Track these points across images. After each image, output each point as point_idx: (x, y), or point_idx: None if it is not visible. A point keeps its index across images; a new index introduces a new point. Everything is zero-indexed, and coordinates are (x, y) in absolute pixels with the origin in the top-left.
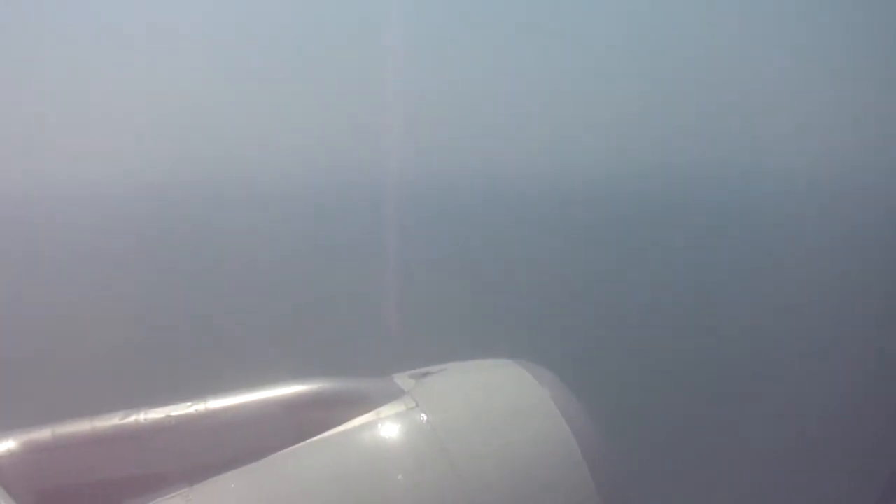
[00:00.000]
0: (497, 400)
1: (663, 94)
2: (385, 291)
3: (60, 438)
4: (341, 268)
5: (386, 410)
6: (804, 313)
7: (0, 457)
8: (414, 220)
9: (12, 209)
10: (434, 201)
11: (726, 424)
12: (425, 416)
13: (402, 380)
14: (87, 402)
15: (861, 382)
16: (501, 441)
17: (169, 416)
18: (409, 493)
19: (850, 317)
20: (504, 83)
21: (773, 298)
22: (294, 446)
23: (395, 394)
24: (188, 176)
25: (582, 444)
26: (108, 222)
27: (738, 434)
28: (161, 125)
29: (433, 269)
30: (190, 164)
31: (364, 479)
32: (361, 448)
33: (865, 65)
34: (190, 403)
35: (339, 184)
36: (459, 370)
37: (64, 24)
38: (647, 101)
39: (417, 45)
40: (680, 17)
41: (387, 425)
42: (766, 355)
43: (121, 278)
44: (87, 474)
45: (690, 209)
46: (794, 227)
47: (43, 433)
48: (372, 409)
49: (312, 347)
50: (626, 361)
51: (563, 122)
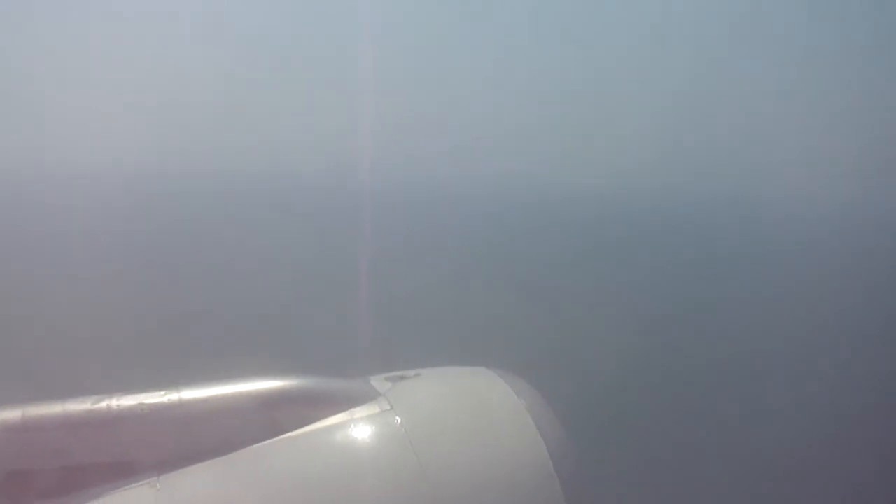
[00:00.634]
0: (472, 407)
1: (661, 99)
2: (367, 294)
3: (30, 420)
4: (325, 268)
5: (360, 411)
6: (802, 328)
7: None
8: (402, 223)
9: (8, 199)
10: (425, 204)
11: (717, 438)
12: (399, 419)
13: (378, 382)
14: (69, 389)
15: (858, 393)
16: (473, 449)
17: (141, 403)
18: (377, 495)
19: (849, 328)
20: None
21: (771, 310)
22: (266, 442)
23: (370, 395)
24: (179, 170)
25: (554, 457)
26: (96, 217)
27: (727, 445)
28: (155, 120)
29: (417, 273)
30: (181, 159)
31: (333, 479)
32: (333, 447)
33: (869, 75)
34: (163, 392)
35: (330, 183)
36: (436, 376)
37: (62, 21)
38: (645, 108)
39: (415, 46)
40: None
41: (360, 426)
42: (756, 367)
43: (103, 272)
44: (55, 458)
45: (688, 212)
46: (793, 239)
47: (13, 414)
48: (346, 409)
49: (291, 346)
50: (612, 373)
51: (559, 127)
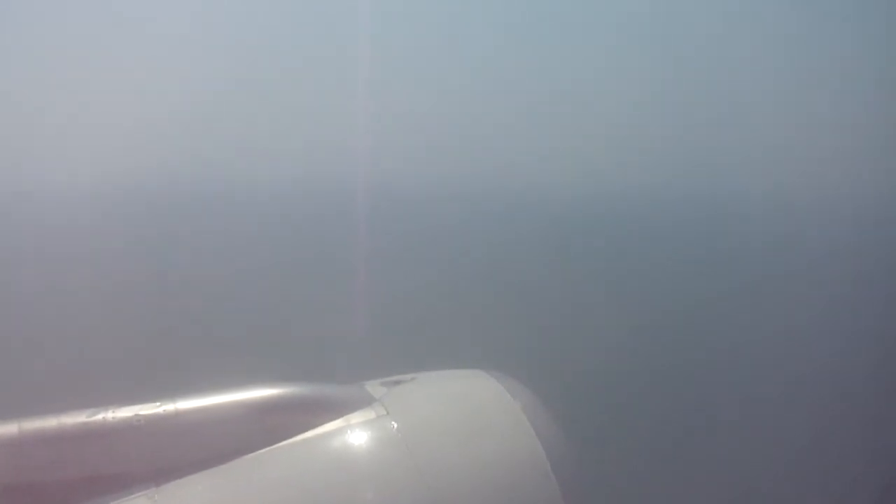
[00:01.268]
0: (468, 411)
1: (660, 98)
2: (363, 297)
3: (27, 434)
4: (321, 272)
5: (356, 417)
6: (802, 326)
7: None
8: (399, 224)
9: (6, 208)
10: (421, 205)
11: (715, 437)
12: (395, 424)
13: (374, 388)
14: (64, 401)
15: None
16: (470, 452)
17: (137, 415)
18: (375, 501)
19: (849, 326)
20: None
21: (771, 308)
22: (262, 450)
23: (365, 401)
24: (177, 178)
25: (552, 458)
26: (92, 222)
27: (726, 445)
28: (152, 127)
29: (413, 275)
30: (179, 165)
31: (331, 485)
32: (330, 453)
33: (866, 73)
34: (159, 403)
35: (327, 184)
36: (431, 380)
37: (59, 21)
38: (643, 106)
39: (412, 45)
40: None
41: (356, 432)
42: (756, 366)
43: (98, 278)
44: (52, 471)
45: (687, 212)
46: (790, 236)
47: (9, 428)
48: (342, 415)
49: (286, 352)
50: (608, 373)
51: (556, 128)
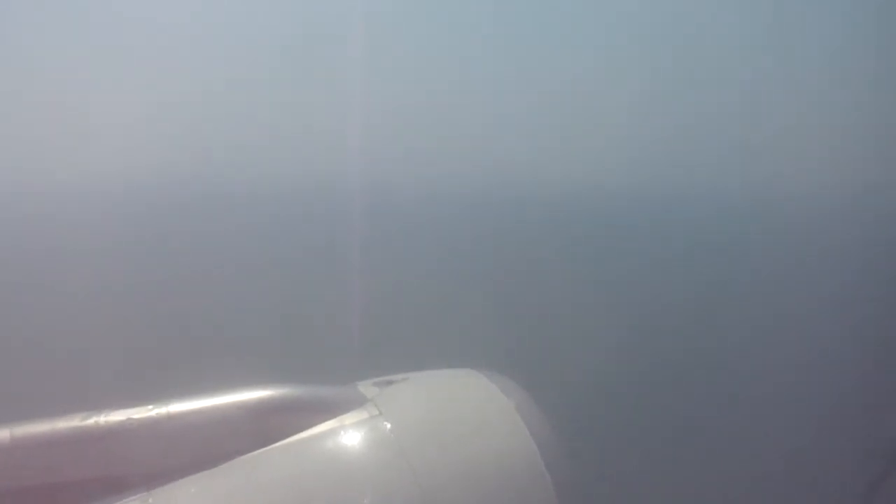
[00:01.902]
0: (461, 410)
1: (658, 98)
2: (356, 297)
3: (19, 439)
4: (312, 273)
5: (349, 418)
6: (802, 326)
7: None
8: (396, 224)
9: (6, 207)
10: (418, 205)
11: (711, 436)
12: (388, 425)
13: (366, 388)
14: (56, 403)
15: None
16: (464, 451)
17: (130, 418)
18: (368, 501)
19: (849, 326)
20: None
21: (771, 308)
22: (255, 452)
23: (358, 401)
24: (173, 176)
25: (545, 457)
26: (85, 221)
27: (722, 444)
28: (150, 126)
29: (404, 276)
30: (175, 164)
31: (324, 486)
32: (323, 454)
33: (865, 69)
34: (151, 406)
35: (324, 185)
36: (424, 379)
37: (58, 22)
38: (640, 105)
39: (409, 46)
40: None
41: (349, 433)
42: (755, 366)
43: (89, 278)
44: (45, 476)
45: (685, 217)
46: (791, 234)
47: (1, 433)
48: (335, 416)
49: (277, 354)
50: (603, 371)
51: (556, 127)
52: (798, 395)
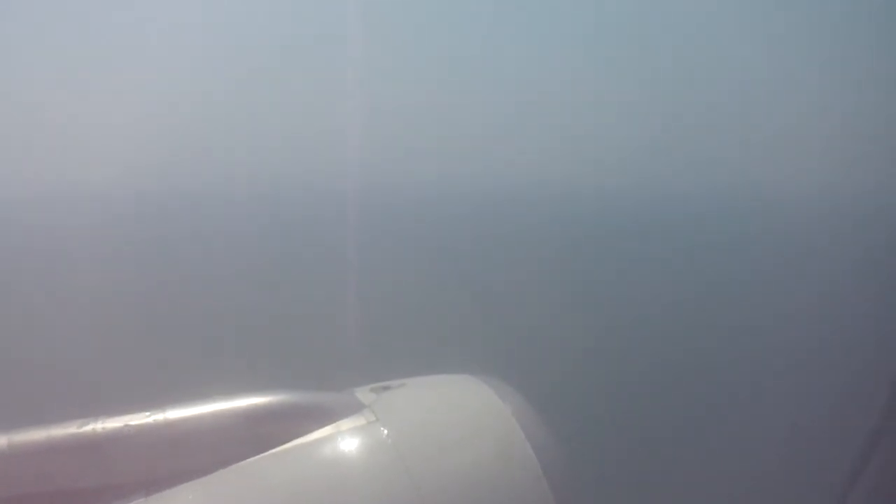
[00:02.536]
0: (458, 415)
1: (656, 97)
2: (351, 303)
3: (15, 446)
4: (309, 278)
5: (345, 424)
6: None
7: None
8: (391, 229)
9: (8, 211)
10: (415, 208)
11: (711, 440)
12: (385, 431)
13: (363, 394)
14: (58, 409)
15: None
16: (462, 457)
17: (127, 425)
18: None
19: (849, 325)
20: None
21: (771, 308)
22: (252, 458)
23: (354, 407)
24: (172, 178)
25: (543, 462)
26: (86, 226)
27: (722, 447)
28: (149, 127)
29: (401, 281)
30: (174, 166)
31: (321, 493)
32: (320, 461)
33: (865, 69)
34: (148, 413)
35: (322, 187)
36: (420, 385)
37: (59, 23)
38: (638, 105)
39: (406, 47)
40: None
41: (346, 439)
42: (755, 367)
43: (84, 282)
44: (41, 483)
45: (684, 218)
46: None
47: None
48: (331, 422)
49: (273, 360)
50: (601, 374)
51: (554, 126)
52: (798, 396)
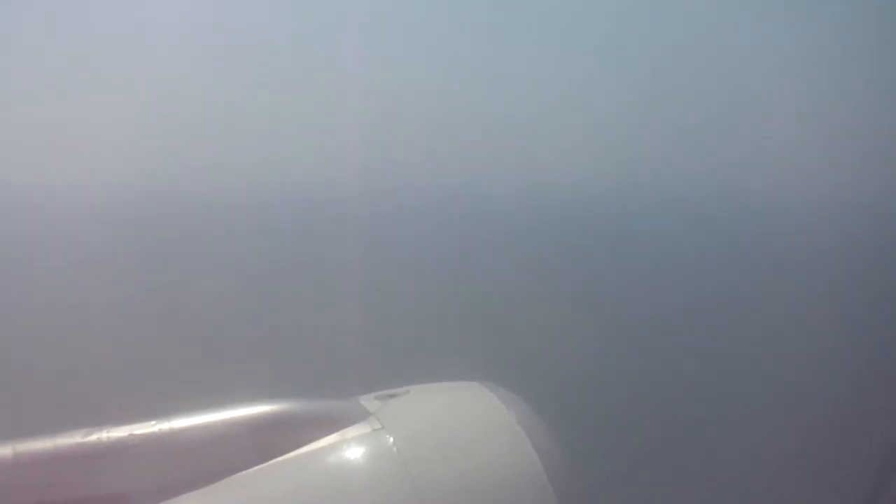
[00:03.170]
0: (463, 423)
1: (655, 97)
2: (356, 310)
3: (21, 456)
4: (313, 284)
5: (351, 432)
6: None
7: None
8: (395, 235)
9: (10, 211)
10: (419, 213)
11: (715, 445)
12: (391, 438)
13: (368, 401)
14: (63, 419)
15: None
16: (467, 464)
17: (132, 434)
18: None
19: (849, 325)
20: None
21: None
22: (258, 466)
23: (360, 415)
24: (172, 181)
25: (548, 468)
26: (85, 230)
27: (725, 453)
28: (149, 130)
29: (405, 287)
30: (175, 168)
31: (328, 500)
32: (326, 469)
33: (865, 69)
34: (153, 422)
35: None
36: (425, 392)
37: (60, 23)
38: (638, 105)
39: (411, 46)
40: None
41: (352, 447)
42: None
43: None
44: (47, 492)
45: (684, 219)
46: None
47: (4, 450)
48: (337, 430)
49: (279, 367)
50: (605, 379)
51: (553, 127)
52: (798, 396)
